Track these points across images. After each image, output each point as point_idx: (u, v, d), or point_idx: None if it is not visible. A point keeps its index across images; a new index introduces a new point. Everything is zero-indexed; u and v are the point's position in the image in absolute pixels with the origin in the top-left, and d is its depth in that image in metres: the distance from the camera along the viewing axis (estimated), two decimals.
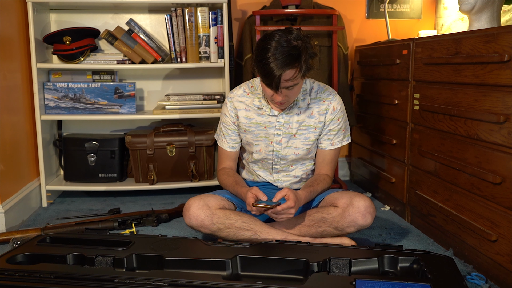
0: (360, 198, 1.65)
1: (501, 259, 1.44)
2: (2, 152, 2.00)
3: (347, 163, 2.89)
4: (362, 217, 1.63)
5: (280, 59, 1.51)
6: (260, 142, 1.79)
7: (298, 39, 1.56)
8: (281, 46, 1.52)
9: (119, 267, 1.42)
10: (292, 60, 1.52)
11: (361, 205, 1.63)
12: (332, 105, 1.76)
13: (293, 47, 1.53)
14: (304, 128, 1.76)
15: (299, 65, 1.54)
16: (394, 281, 1.26)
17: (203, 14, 2.36)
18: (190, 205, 1.69)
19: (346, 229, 1.65)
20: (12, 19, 2.17)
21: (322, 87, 1.80)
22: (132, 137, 2.39)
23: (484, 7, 1.81)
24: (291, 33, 1.57)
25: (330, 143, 1.79)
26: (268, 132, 1.77)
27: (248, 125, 1.79)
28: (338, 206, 1.66)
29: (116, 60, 2.40)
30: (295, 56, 1.53)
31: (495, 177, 1.44)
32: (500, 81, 1.43)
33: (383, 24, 2.68)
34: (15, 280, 1.31)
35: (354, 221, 1.63)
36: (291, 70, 1.53)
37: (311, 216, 1.70)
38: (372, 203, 1.66)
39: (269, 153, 1.79)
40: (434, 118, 1.81)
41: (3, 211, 1.95)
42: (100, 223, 1.93)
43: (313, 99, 1.76)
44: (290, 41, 1.54)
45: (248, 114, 1.78)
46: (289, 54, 1.52)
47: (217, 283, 1.27)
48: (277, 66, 1.51)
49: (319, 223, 1.68)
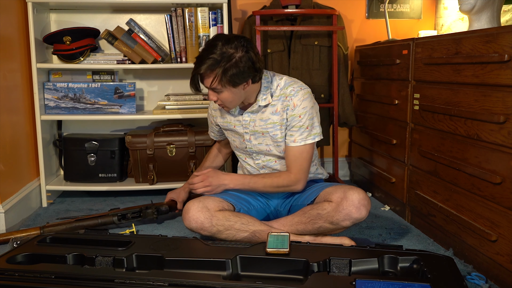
0: (354, 191, 1.64)
1: (501, 259, 1.44)
2: (2, 152, 2.00)
3: (347, 163, 2.89)
4: (356, 210, 1.62)
5: (200, 62, 1.59)
6: (236, 139, 1.88)
7: (233, 49, 1.58)
8: (210, 50, 1.58)
9: (119, 267, 1.42)
10: (209, 65, 1.57)
11: (355, 198, 1.62)
12: (292, 101, 1.72)
13: (220, 53, 1.57)
14: (270, 126, 1.76)
15: (216, 73, 1.58)
16: (394, 281, 1.26)
17: (203, 14, 2.36)
18: (189, 207, 1.69)
19: (341, 223, 1.64)
20: (12, 19, 2.17)
21: (288, 82, 1.76)
22: (132, 137, 2.39)
23: (484, 7, 1.81)
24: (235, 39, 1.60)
25: (292, 140, 1.74)
26: (238, 131, 1.82)
27: (223, 124, 1.88)
28: (332, 201, 1.66)
29: (116, 60, 2.40)
30: (213, 63, 1.57)
31: (495, 177, 1.44)
32: (500, 81, 1.43)
33: (383, 24, 2.68)
34: (15, 280, 1.31)
35: (348, 214, 1.62)
36: (208, 75, 1.60)
37: (306, 213, 1.71)
38: (366, 195, 1.66)
39: (245, 148, 1.86)
40: (434, 118, 1.81)
41: (3, 211, 1.95)
42: (99, 218, 1.92)
43: (277, 96, 1.75)
44: (222, 47, 1.57)
45: (223, 114, 1.87)
46: (208, 59, 1.57)
47: (217, 283, 1.27)
48: (197, 67, 1.60)
49: (314, 219, 1.68)
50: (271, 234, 1.53)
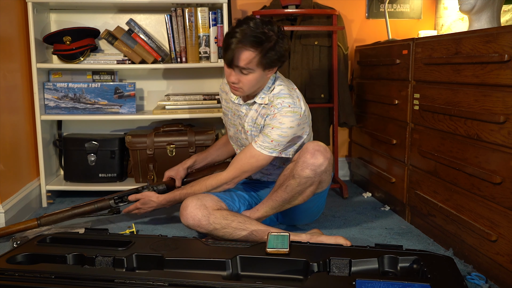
0: (310, 142, 1.69)
1: (501, 259, 1.44)
2: (2, 152, 2.00)
3: (347, 163, 2.89)
4: (311, 155, 1.64)
5: (242, 37, 1.54)
6: (231, 128, 1.88)
7: (273, 31, 1.57)
8: (251, 27, 1.55)
9: (119, 267, 1.42)
10: (253, 42, 1.54)
11: (309, 146, 1.66)
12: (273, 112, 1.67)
13: (262, 32, 1.55)
14: (254, 129, 1.77)
15: (259, 51, 1.56)
16: (394, 281, 1.26)
17: (203, 14, 2.36)
18: (187, 204, 1.69)
19: (300, 173, 1.65)
20: (12, 19, 2.17)
21: (283, 93, 1.69)
22: (132, 137, 2.39)
23: (484, 7, 1.81)
24: (271, 23, 1.59)
25: (254, 140, 1.70)
26: (235, 121, 1.83)
27: (225, 107, 1.88)
28: (294, 160, 1.71)
29: (116, 60, 2.40)
30: (258, 40, 1.54)
31: (495, 177, 1.44)
32: (500, 81, 1.43)
33: (383, 24, 2.68)
34: (15, 280, 1.31)
35: (304, 161, 1.64)
36: (249, 52, 1.56)
37: (278, 181, 1.75)
38: (324, 144, 1.68)
39: (236, 140, 1.87)
40: (434, 118, 1.81)
41: (3, 211, 1.95)
42: (96, 203, 1.90)
43: (269, 100, 1.72)
44: (262, 27, 1.56)
45: (227, 98, 1.86)
46: (254, 36, 1.54)
47: (217, 283, 1.27)
48: (236, 41, 1.55)
49: (283, 182, 1.71)
50: (271, 234, 1.54)
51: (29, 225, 1.83)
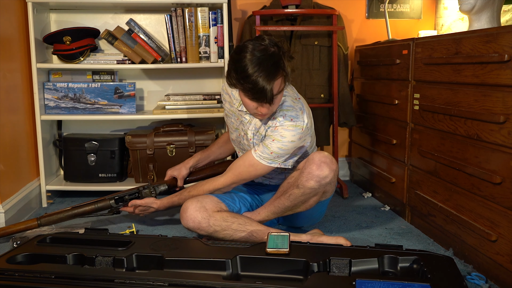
0: (316, 152, 1.68)
1: (501, 259, 1.44)
2: (2, 152, 2.00)
3: (347, 163, 2.89)
4: (317, 167, 1.63)
5: (262, 69, 1.45)
6: (234, 132, 1.86)
7: (270, 45, 1.50)
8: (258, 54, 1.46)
9: (119, 267, 1.42)
10: (274, 67, 1.47)
11: (316, 157, 1.65)
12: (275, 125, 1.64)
13: (271, 54, 1.48)
14: (257, 138, 1.74)
15: (281, 72, 1.50)
16: (394, 281, 1.26)
17: (203, 14, 2.36)
18: (187, 207, 1.69)
19: (305, 183, 1.64)
20: (12, 19, 2.17)
21: (287, 105, 1.66)
22: (132, 137, 2.39)
23: (484, 7, 1.81)
24: (264, 40, 1.52)
25: (254, 149, 1.68)
26: (238, 126, 1.81)
27: (229, 111, 1.85)
28: (299, 168, 1.70)
29: (116, 60, 2.40)
30: (276, 63, 1.48)
31: (495, 177, 1.44)
32: (500, 81, 1.43)
33: (383, 24, 2.68)
34: (15, 280, 1.31)
35: (310, 173, 1.63)
36: (278, 80, 1.50)
37: (281, 188, 1.75)
38: (330, 156, 1.67)
39: (239, 143, 1.85)
40: (434, 118, 1.81)
41: (3, 211, 1.95)
42: (96, 203, 1.89)
43: None
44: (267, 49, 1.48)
45: (231, 101, 1.82)
46: (270, 62, 1.46)
47: (217, 283, 1.27)
48: (265, 80, 1.45)
49: (286, 190, 1.71)
50: (271, 234, 1.54)
51: (29, 225, 1.83)
